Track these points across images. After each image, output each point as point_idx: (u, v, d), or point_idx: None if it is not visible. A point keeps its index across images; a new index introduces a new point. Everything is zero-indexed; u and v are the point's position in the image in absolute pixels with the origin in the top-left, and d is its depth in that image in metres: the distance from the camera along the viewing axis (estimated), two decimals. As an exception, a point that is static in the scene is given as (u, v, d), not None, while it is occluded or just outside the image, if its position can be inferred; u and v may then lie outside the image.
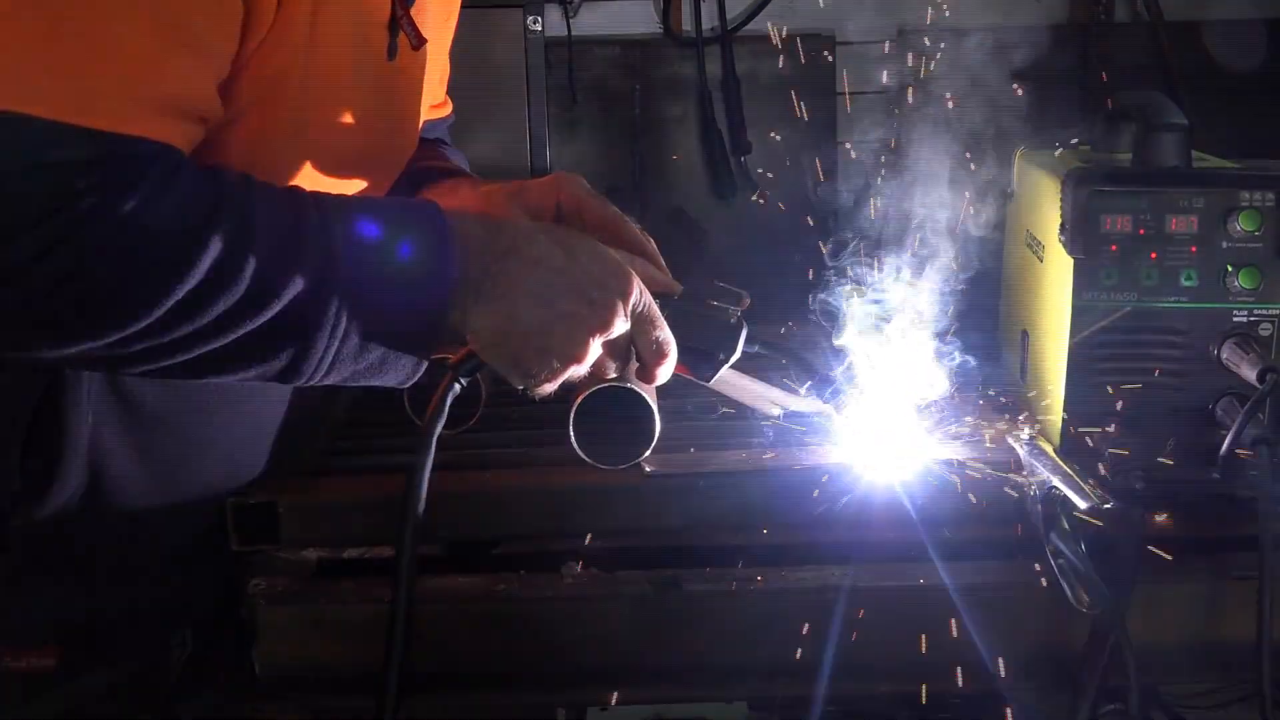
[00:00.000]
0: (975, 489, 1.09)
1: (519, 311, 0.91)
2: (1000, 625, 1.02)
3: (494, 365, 0.94)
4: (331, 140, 0.99)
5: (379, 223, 0.88)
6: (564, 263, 0.93)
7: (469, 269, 0.90)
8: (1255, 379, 1.02)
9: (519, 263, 0.92)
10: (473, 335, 0.92)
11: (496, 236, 0.93)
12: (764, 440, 1.19)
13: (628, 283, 0.94)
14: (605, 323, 0.93)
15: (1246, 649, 1.02)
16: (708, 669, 1.02)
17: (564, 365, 0.93)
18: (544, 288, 0.92)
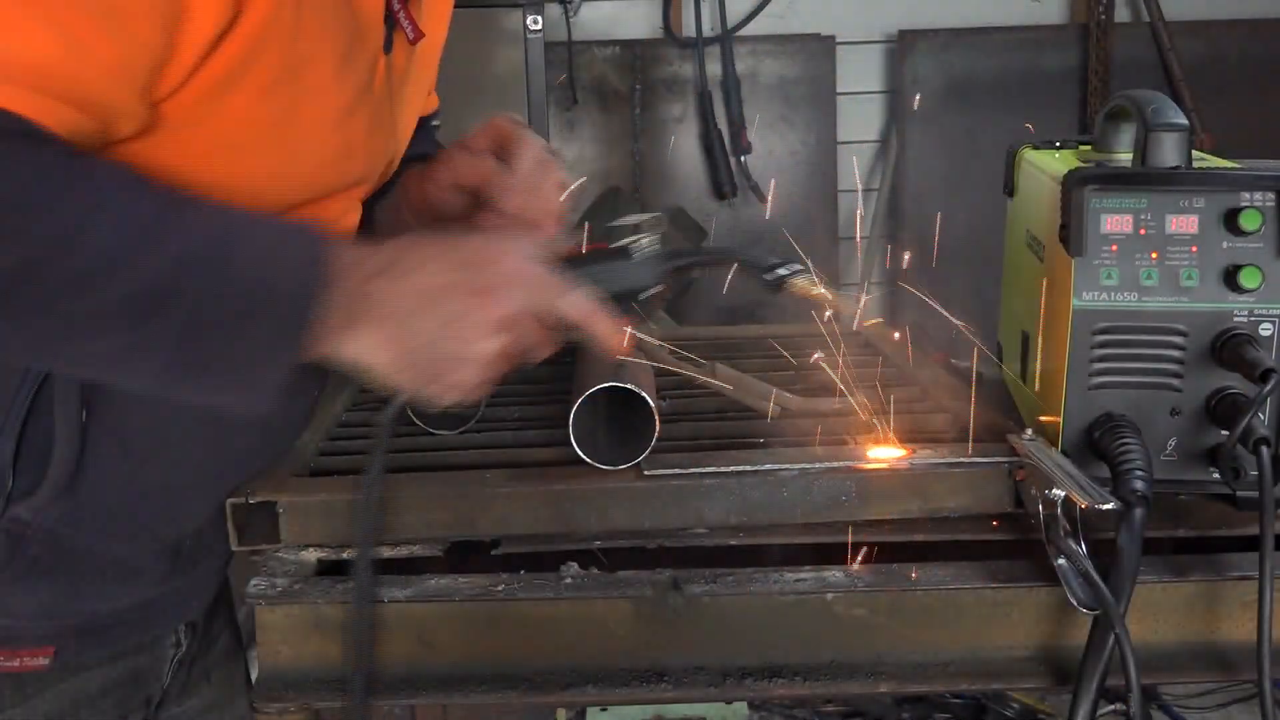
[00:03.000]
0: (975, 488, 1.09)
1: (404, 328, 0.89)
2: (1000, 625, 1.02)
3: (410, 389, 0.93)
4: (320, 136, 0.97)
5: (242, 236, 0.85)
6: (440, 264, 0.91)
7: (339, 292, 0.87)
8: (1255, 379, 1.02)
9: (392, 279, 0.89)
10: (370, 369, 0.90)
11: (369, 258, 0.90)
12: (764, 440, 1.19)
13: (513, 261, 0.92)
14: (498, 308, 0.91)
15: (1246, 649, 1.02)
16: (708, 669, 1.02)
17: (475, 365, 0.92)
18: (424, 295, 0.90)
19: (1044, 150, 1.34)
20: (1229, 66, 3.63)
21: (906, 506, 1.09)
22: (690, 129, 3.62)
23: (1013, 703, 2.75)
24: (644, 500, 1.08)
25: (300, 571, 1.05)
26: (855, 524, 1.09)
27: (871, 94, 3.72)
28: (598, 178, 3.60)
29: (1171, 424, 1.10)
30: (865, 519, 1.09)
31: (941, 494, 1.09)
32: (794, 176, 3.65)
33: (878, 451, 1.12)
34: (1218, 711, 2.80)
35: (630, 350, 1.01)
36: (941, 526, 1.09)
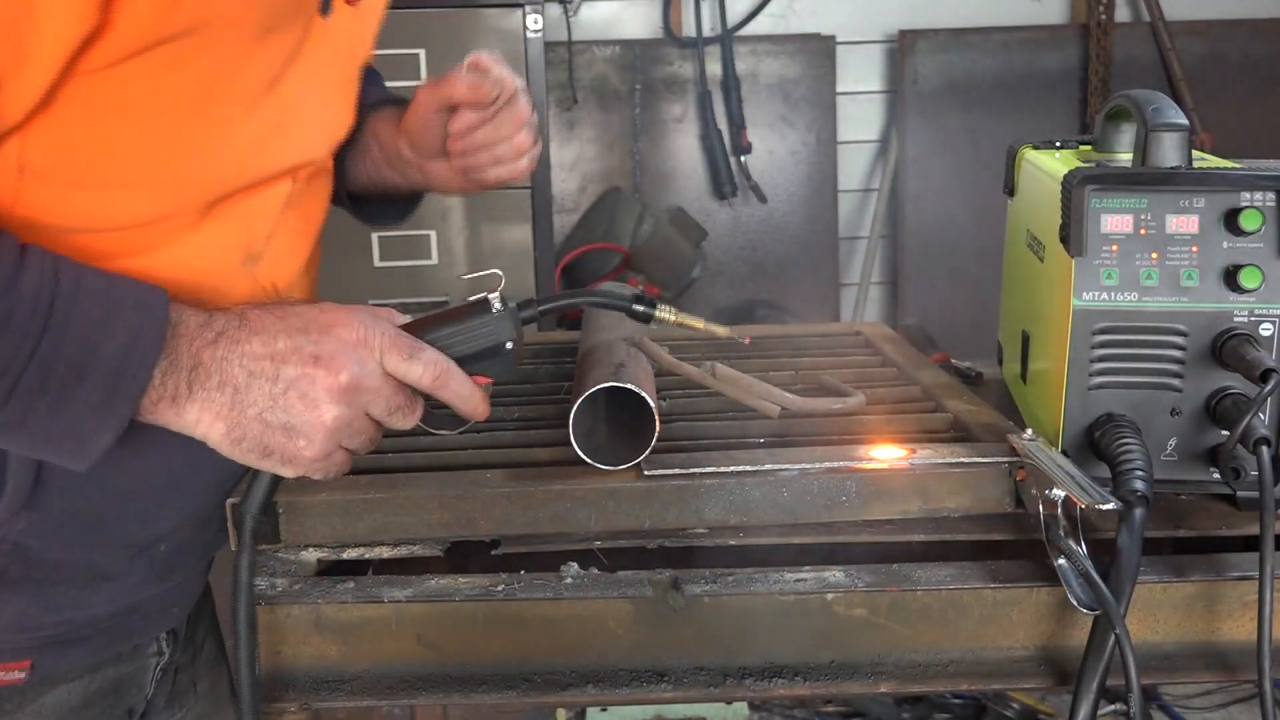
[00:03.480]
0: (975, 488, 1.09)
1: (242, 397, 0.86)
2: (1000, 625, 1.02)
3: (247, 463, 0.90)
4: (244, 109, 0.93)
5: (72, 299, 0.82)
6: (276, 330, 0.88)
7: (170, 360, 0.84)
8: (1255, 379, 1.02)
9: (227, 346, 0.86)
10: (208, 438, 0.88)
11: (209, 322, 0.87)
12: (764, 440, 1.19)
13: (353, 328, 0.89)
14: (334, 375, 0.87)
15: (1246, 649, 1.02)
16: (708, 669, 1.02)
17: (318, 436, 0.88)
18: (259, 362, 0.87)
19: (1044, 150, 1.34)
20: (1229, 66, 3.63)
21: (906, 506, 1.09)
22: (690, 129, 3.62)
23: (1013, 703, 2.75)
24: (644, 500, 1.08)
25: (300, 571, 1.05)
26: (855, 524, 1.09)
27: (871, 94, 3.72)
28: (598, 178, 3.60)
29: (1171, 424, 1.10)
30: (865, 519, 1.09)
31: (941, 494, 1.09)
32: (794, 176, 3.65)
33: (878, 451, 1.12)
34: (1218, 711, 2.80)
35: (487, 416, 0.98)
36: (941, 526, 1.09)
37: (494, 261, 2.90)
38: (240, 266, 0.99)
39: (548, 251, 2.92)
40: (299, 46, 0.95)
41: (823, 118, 3.63)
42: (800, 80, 3.62)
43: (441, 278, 2.89)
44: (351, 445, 0.91)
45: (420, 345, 0.92)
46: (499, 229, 2.90)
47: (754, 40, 3.61)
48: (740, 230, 3.66)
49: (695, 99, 3.60)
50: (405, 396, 0.92)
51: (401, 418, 0.93)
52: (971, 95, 3.62)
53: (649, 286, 3.28)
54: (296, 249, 1.06)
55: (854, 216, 3.74)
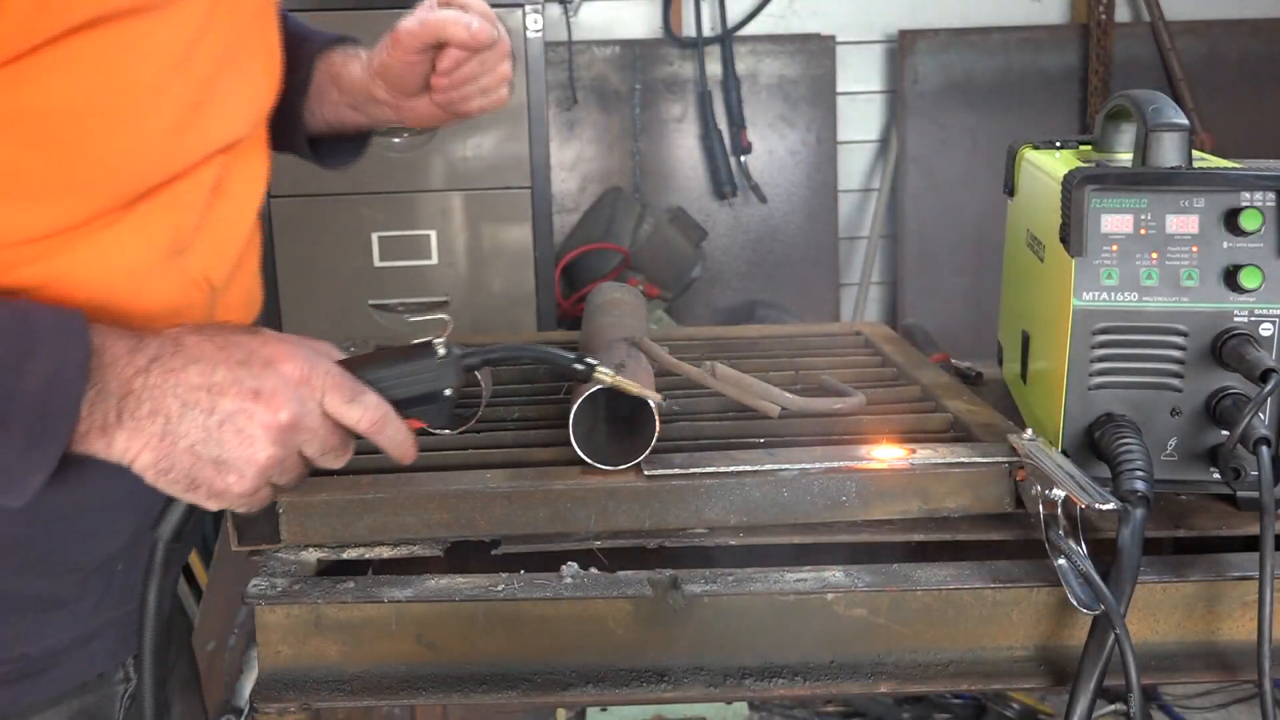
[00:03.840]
0: (975, 488, 1.09)
1: (174, 427, 0.82)
2: (1000, 625, 1.02)
3: (171, 493, 0.86)
4: (157, 91, 0.87)
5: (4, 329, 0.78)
6: (214, 361, 0.83)
7: (98, 392, 0.80)
8: (1255, 379, 1.02)
9: (161, 375, 0.82)
10: (135, 467, 0.83)
11: (138, 348, 0.82)
12: (764, 440, 1.19)
13: (296, 364, 0.85)
14: (274, 414, 0.84)
15: (1246, 649, 1.02)
16: (708, 669, 1.02)
17: (250, 472, 0.84)
18: (194, 394, 0.82)
19: (1044, 150, 1.34)
20: (1229, 66, 3.63)
21: (906, 506, 1.09)
22: (690, 129, 3.62)
23: (1013, 703, 2.75)
24: (644, 500, 1.08)
25: (300, 571, 1.05)
26: (855, 524, 1.09)
27: (871, 94, 3.72)
28: (598, 178, 3.60)
29: (1172, 424, 1.10)
30: (865, 519, 1.09)
31: (941, 494, 1.09)
32: (794, 176, 3.65)
33: (878, 451, 1.12)
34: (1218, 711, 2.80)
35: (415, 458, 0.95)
36: (941, 526, 1.09)
37: (494, 261, 2.90)
38: (166, 262, 0.93)
39: (548, 251, 2.92)
40: (207, 17, 0.89)
41: (823, 118, 3.63)
42: (800, 80, 3.62)
43: (441, 278, 2.89)
44: (280, 482, 0.88)
45: (361, 388, 0.89)
46: (499, 229, 2.90)
47: (754, 40, 3.61)
48: (740, 230, 3.66)
49: (695, 99, 3.60)
50: (340, 438, 0.89)
51: (334, 459, 0.89)
52: (971, 95, 3.62)
53: (649, 287, 3.28)
54: (230, 237, 1.01)
55: (854, 216, 3.74)
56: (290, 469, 0.88)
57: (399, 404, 0.91)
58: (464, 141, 2.86)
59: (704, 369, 1.23)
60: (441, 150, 2.85)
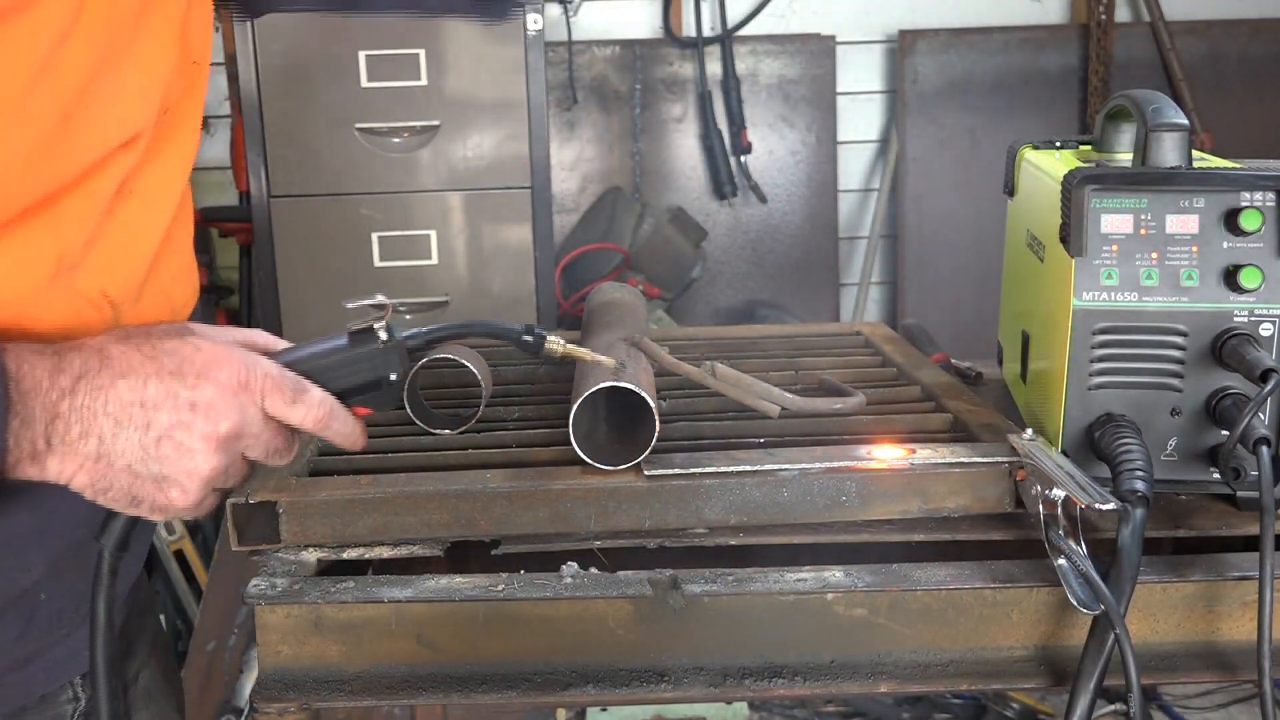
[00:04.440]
0: (975, 488, 1.09)
1: (109, 447, 0.78)
2: (1000, 625, 1.02)
3: (116, 509, 0.83)
4: (23, 105, 0.79)
5: None
6: (151, 369, 0.79)
7: (20, 419, 0.76)
8: (1255, 379, 1.02)
9: (89, 394, 0.78)
10: (74, 488, 0.80)
11: (61, 367, 0.78)
12: (764, 440, 1.19)
13: (231, 370, 0.82)
14: (214, 424, 0.80)
15: (1246, 649, 1.02)
16: (708, 669, 1.02)
17: (193, 486, 0.81)
18: (127, 410, 0.78)
19: (1044, 150, 1.34)
20: (1229, 66, 3.63)
21: (906, 506, 1.09)
22: (690, 129, 3.62)
23: (1013, 703, 2.75)
24: (644, 500, 1.08)
25: (300, 571, 1.05)
26: (855, 524, 1.09)
27: (871, 94, 3.72)
28: (598, 178, 3.60)
29: (1171, 424, 1.10)
30: (865, 519, 1.09)
31: (941, 494, 1.09)
32: (794, 176, 3.65)
33: (878, 451, 1.12)
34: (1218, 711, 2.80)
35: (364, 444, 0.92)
36: (941, 526, 1.09)
37: (494, 261, 2.90)
38: (51, 284, 0.85)
39: (548, 251, 2.92)
40: (71, 19, 0.80)
41: (823, 118, 3.63)
42: (800, 80, 3.62)
43: (441, 278, 2.89)
44: (225, 487, 0.86)
45: (303, 386, 0.86)
46: (499, 229, 2.90)
47: (754, 40, 3.61)
48: (740, 230, 3.66)
49: (695, 99, 3.60)
50: (284, 439, 0.86)
51: (280, 458, 0.87)
52: (971, 95, 3.62)
53: (649, 287, 3.28)
54: (136, 244, 0.93)
55: (854, 216, 3.74)
56: (235, 474, 0.85)
57: (344, 394, 0.88)
58: (464, 141, 2.86)
59: (704, 369, 1.23)
60: (441, 150, 2.85)
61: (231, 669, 2.08)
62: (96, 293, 0.88)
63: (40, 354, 0.78)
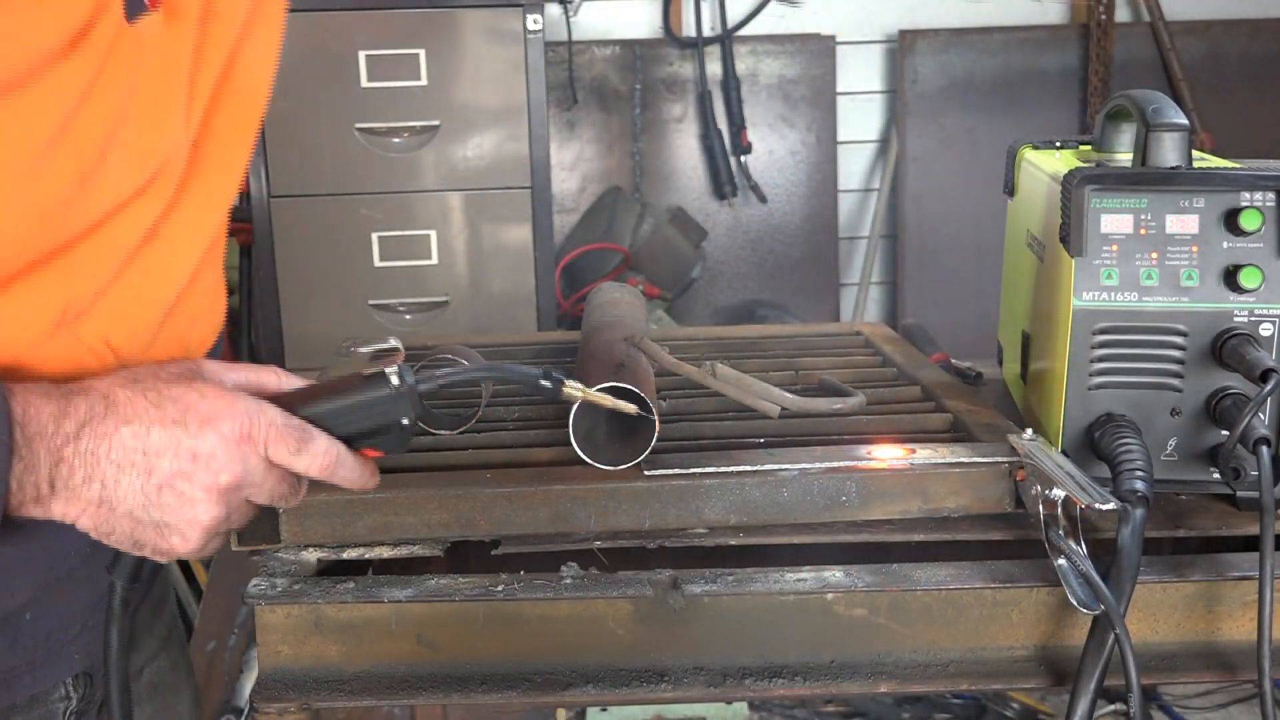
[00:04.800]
0: (975, 488, 1.09)
1: (111, 493, 0.79)
2: (1000, 625, 1.02)
3: (121, 550, 0.84)
4: (38, 170, 0.78)
5: None
6: (155, 417, 0.79)
7: (25, 464, 0.76)
8: (1255, 379, 1.02)
9: (93, 439, 0.78)
10: (80, 529, 0.81)
11: (66, 411, 0.78)
12: (764, 440, 1.19)
13: (237, 421, 0.81)
14: (216, 475, 0.81)
15: (1246, 649, 1.02)
16: (708, 669, 1.02)
17: (194, 534, 0.82)
18: (135, 454, 0.79)
19: (1044, 150, 1.34)
20: (1229, 66, 3.62)
21: (906, 506, 1.09)
22: (690, 129, 3.62)
23: (1013, 703, 2.75)
24: (644, 500, 1.08)
25: (300, 571, 1.05)
26: (855, 524, 1.09)
27: (871, 94, 3.72)
28: (598, 178, 3.60)
29: (1171, 424, 1.10)
30: (865, 519, 1.09)
31: (941, 494, 1.09)
32: (794, 176, 3.65)
33: (878, 451, 1.12)
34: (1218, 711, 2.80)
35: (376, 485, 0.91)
36: (941, 526, 1.09)
37: (494, 261, 2.90)
38: (51, 332, 0.83)
39: (548, 251, 2.92)
40: (90, 81, 0.79)
41: (823, 118, 3.63)
42: (800, 80, 3.62)
43: (441, 278, 2.89)
44: (230, 528, 0.86)
45: (308, 434, 0.84)
46: (499, 229, 2.90)
47: (754, 40, 3.61)
48: (740, 230, 3.65)
49: (695, 99, 3.59)
50: (289, 485, 0.86)
51: (285, 503, 0.87)
52: (971, 95, 3.62)
53: (649, 287, 3.28)
54: (155, 291, 0.91)
55: (854, 216, 3.74)
56: (238, 519, 0.85)
57: (353, 437, 0.87)
58: (464, 141, 2.86)
59: (704, 369, 1.23)
60: (441, 150, 2.85)
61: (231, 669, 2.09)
62: (100, 342, 0.87)
63: (47, 396, 0.78)
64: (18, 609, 0.92)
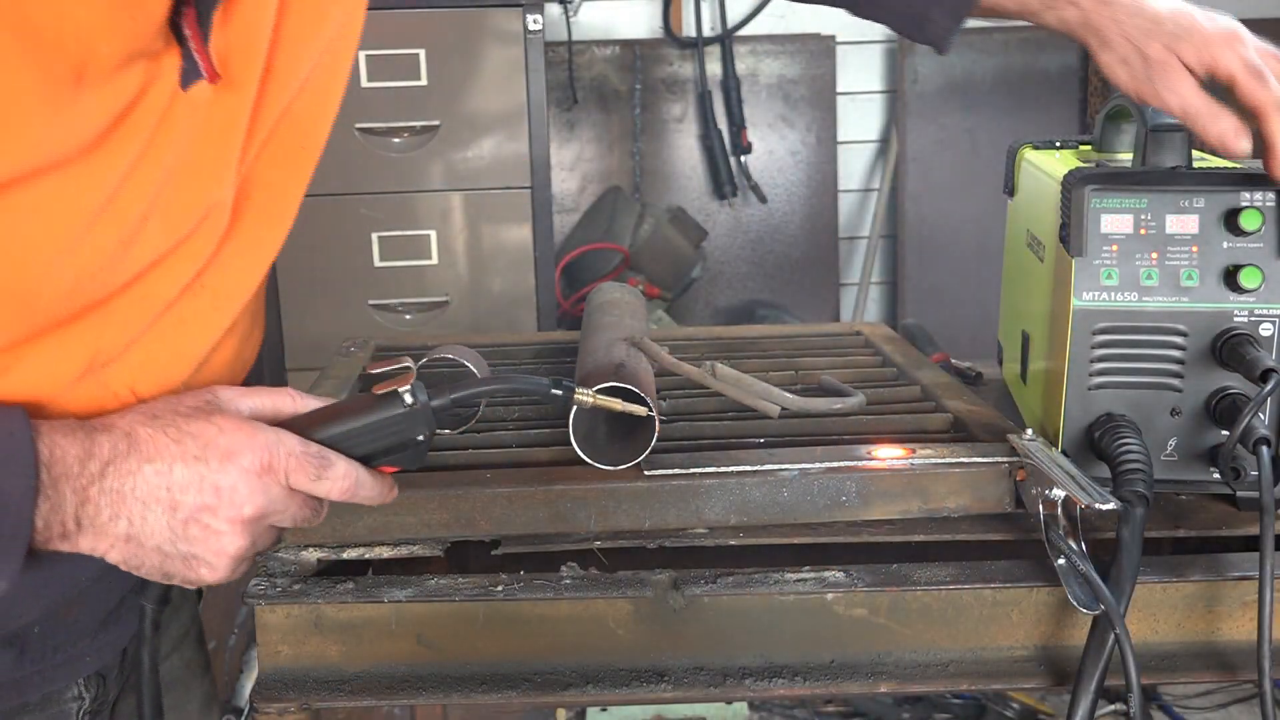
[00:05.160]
0: (975, 488, 1.09)
1: (138, 529, 0.80)
2: (1000, 625, 1.02)
3: (151, 579, 0.85)
4: (84, 238, 0.78)
5: None
6: (176, 453, 0.81)
7: (51, 504, 0.77)
8: (1255, 379, 1.02)
9: (118, 478, 0.79)
10: (109, 561, 0.82)
11: (91, 451, 0.79)
12: (764, 440, 1.19)
13: (257, 453, 0.82)
14: (240, 508, 0.82)
15: (1246, 649, 1.02)
16: (708, 669, 1.02)
17: (221, 564, 0.84)
18: (159, 490, 0.80)
19: (1044, 150, 1.34)
20: (1229, 66, 3.62)
21: (906, 506, 1.09)
22: (690, 129, 3.62)
23: (1013, 703, 2.75)
24: (644, 500, 1.08)
25: (300, 571, 1.05)
26: (855, 524, 1.09)
27: (871, 94, 3.72)
28: (598, 178, 3.60)
29: (1172, 424, 1.10)
30: (865, 519, 1.09)
31: (941, 494, 1.09)
32: (794, 176, 3.65)
33: (878, 451, 1.12)
34: (1218, 711, 2.80)
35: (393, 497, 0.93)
36: (941, 526, 1.09)
37: (494, 261, 2.90)
38: (76, 380, 0.84)
39: (548, 251, 2.92)
40: (139, 154, 0.79)
41: (823, 118, 3.63)
42: (800, 80, 3.62)
43: (441, 278, 2.89)
44: (256, 552, 0.87)
45: (327, 460, 0.86)
46: (499, 229, 2.90)
47: (754, 40, 3.61)
48: (740, 230, 3.65)
49: (695, 99, 3.59)
50: (312, 508, 0.88)
51: (309, 524, 0.89)
52: (971, 95, 3.62)
53: (649, 287, 3.28)
54: (190, 342, 0.91)
55: (854, 216, 3.74)
56: (264, 543, 0.87)
57: (370, 456, 0.89)
58: (464, 141, 2.86)
59: (704, 369, 1.23)
60: (441, 150, 2.85)
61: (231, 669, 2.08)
62: (126, 390, 0.87)
63: (71, 435, 0.79)
64: (24, 627, 0.93)
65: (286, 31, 0.87)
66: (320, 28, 0.92)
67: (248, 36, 0.83)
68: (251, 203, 0.92)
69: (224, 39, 0.81)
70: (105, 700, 1.01)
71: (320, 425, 0.88)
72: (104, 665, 1.00)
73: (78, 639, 0.97)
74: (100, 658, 0.99)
